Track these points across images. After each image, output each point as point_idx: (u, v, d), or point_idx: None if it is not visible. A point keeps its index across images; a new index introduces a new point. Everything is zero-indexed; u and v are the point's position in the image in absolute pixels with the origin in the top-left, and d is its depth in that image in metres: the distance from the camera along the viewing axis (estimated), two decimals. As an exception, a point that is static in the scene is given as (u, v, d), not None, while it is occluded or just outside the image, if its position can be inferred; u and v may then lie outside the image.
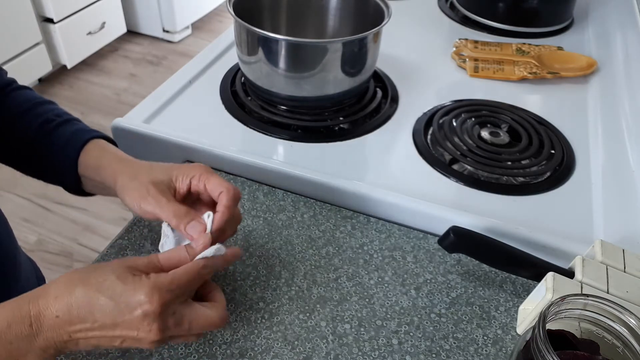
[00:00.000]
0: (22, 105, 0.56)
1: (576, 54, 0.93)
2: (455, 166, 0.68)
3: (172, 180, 0.49)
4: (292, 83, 0.71)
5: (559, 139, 0.74)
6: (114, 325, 0.38)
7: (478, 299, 0.54)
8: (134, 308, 0.37)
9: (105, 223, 1.74)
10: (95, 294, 0.38)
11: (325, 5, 0.83)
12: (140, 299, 0.37)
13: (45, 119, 0.55)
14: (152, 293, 0.38)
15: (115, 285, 0.38)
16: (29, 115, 0.56)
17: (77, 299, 0.38)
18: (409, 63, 0.90)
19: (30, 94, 0.58)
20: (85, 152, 0.53)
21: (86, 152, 0.54)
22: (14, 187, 1.85)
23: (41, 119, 0.55)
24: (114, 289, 0.38)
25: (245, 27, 0.68)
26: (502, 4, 1.01)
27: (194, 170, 0.49)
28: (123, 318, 0.38)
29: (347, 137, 0.72)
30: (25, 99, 0.57)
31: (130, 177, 0.49)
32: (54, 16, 2.15)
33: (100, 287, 0.38)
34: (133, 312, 0.37)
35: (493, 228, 0.58)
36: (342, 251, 0.58)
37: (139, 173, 0.49)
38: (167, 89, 0.77)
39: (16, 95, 0.57)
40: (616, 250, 0.50)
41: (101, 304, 0.38)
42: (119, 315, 0.37)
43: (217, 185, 0.47)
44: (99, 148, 0.54)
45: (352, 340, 0.50)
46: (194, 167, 0.49)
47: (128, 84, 2.44)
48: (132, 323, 0.38)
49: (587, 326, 0.40)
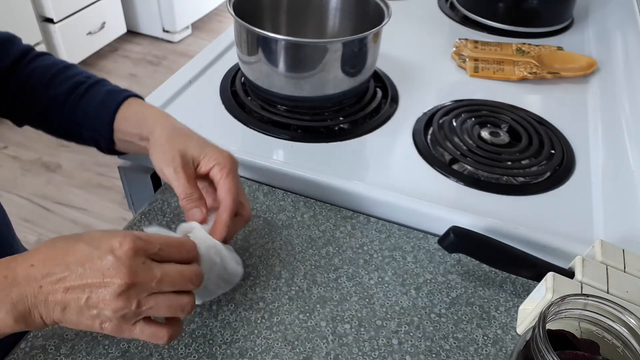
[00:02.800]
0: (49, 72, 0.58)
1: (576, 54, 0.93)
2: (455, 166, 0.68)
3: (200, 157, 0.51)
4: (292, 83, 0.71)
5: (559, 139, 0.74)
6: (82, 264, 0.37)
7: (478, 299, 0.54)
8: (106, 252, 0.38)
9: (105, 223, 1.74)
10: (74, 241, 0.39)
11: (325, 5, 0.83)
12: (113, 243, 0.38)
13: (76, 82, 0.58)
14: (125, 237, 0.38)
15: (95, 233, 0.40)
16: (57, 80, 0.58)
17: (55, 248, 0.39)
18: (409, 63, 0.90)
19: (52, 59, 0.61)
20: (125, 107, 0.56)
21: (127, 106, 0.56)
22: (14, 187, 1.86)
23: (71, 82, 0.58)
24: (92, 235, 0.39)
25: (245, 27, 0.68)
26: (502, 4, 1.01)
27: (220, 158, 0.51)
28: (93, 262, 0.37)
29: (347, 137, 0.72)
30: (50, 64, 0.59)
31: (166, 137, 0.52)
32: (54, 16, 2.15)
33: (80, 236, 0.39)
34: (104, 257, 0.37)
35: (493, 228, 0.58)
36: (342, 251, 0.58)
37: (174, 138, 0.52)
38: (167, 89, 0.77)
39: (39, 63, 0.59)
40: (616, 250, 0.50)
41: (76, 248, 0.38)
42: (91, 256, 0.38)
43: (226, 189, 0.49)
44: (138, 104, 0.57)
45: (352, 340, 0.50)
46: (223, 154, 0.51)
47: (128, 84, 2.44)
48: (100, 266, 0.37)
49: (587, 326, 0.40)
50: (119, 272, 0.37)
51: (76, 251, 0.38)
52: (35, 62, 0.59)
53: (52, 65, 0.59)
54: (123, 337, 0.46)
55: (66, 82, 0.58)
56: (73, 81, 0.58)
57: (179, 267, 0.41)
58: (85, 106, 0.57)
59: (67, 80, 0.58)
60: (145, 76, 2.50)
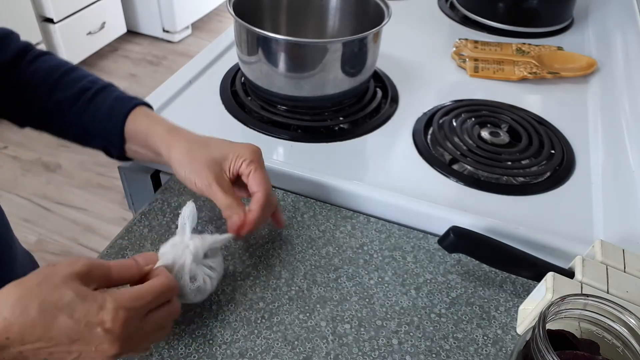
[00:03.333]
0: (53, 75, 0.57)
1: (576, 54, 0.93)
2: (455, 166, 0.68)
3: (226, 161, 0.52)
4: (292, 83, 0.71)
5: (559, 139, 0.74)
6: (71, 342, 0.36)
7: (478, 299, 0.54)
8: (95, 326, 0.36)
9: (105, 223, 1.74)
10: (52, 312, 0.35)
11: (325, 5, 0.83)
12: (102, 318, 0.36)
13: (82, 87, 0.57)
14: (116, 311, 0.37)
15: (75, 303, 0.36)
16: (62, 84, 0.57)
17: (32, 320, 0.35)
18: (409, 63, 0.90)
19: (55, 59, 0.60)
20: (132, 118, 0.56)
21: (133, 118, 0.56)
22: (14, 187, 1.86)
23: (78, 86, 0.57)
24: (73, 308, 0.36)
25: (245, 27, 0.68)
26: (502, 4, 1.01)
27: (246, 154, 0.52)
28: (82, 335, 0.36)
29: (347, 137, 0.72)
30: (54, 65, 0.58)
31: (186, 152, 0.52)
32: (54, 16, 2.15)
33: (57, 304, 0.35)
34: (93, 330, 0.36)
35: (493, 228, 0.58)
36: (342, 251, 0.58)
37: (194, 150, 0.52)
38: (167, 89, 0.77)
39: (42, 64, 0.58)
40: (616, 250, 0.50)
41: (59, 322, 0.35)
42: (78, 333, 0.36)
43: (257, 183, 0.51)
44: (146, 115, 0.57)
45: (352, 340, 0.50)
46: (246, 149, 0.52)
47: (128, 84, 2.44)
48: (91, 340, 0.36)
49: (587, 326, 0.40)
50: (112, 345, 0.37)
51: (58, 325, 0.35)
52: (38, 62, 0.58)
53: (56, 67, 0.58)
54: None
55: (72, 86, 0.57)
56: (80, 86, 0.57)
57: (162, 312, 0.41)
58: (93, 113, 0.56)
59: (73, 84, 0.57)
60: (145, 76, 2.50)
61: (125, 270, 0.42)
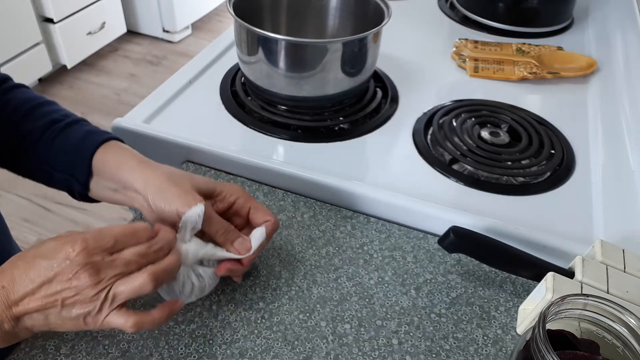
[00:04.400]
0: (24, 106, 0.55)
1: (576, 54, 0.93)
2: (455, 166, 0.68)
3: (214, 194, 0.50)
4: (292, 83, 0.71)
5: (559, 139, 0.74)
6: (49, 280, 0.39)
7: (478, 299, 0.54)
8: (64, 258, 0.39)
9: (105, 223, 1.74)
10: (32, 258, 0.40)
11: (325, 5, 0.83)
12: (66, 250, 0.39)
13: (52, 120, 0.54)
14: (75, 241, 0.39)
15: (49, 243, 0.40)
16: (32, 116, 0.54)
17: (18, 268, 0.40)
18: (409, 63, 0.90)
19: (30, 93, 0.57)
20: (102, 152, 0.52)
21: (105, 151, 0.52)
22: (14, 187, 1.86)
23: (47, 119, 0.54)
24: (47, 247, 0.40)
25: (245, 27, 0.68)
26: (502, 4, 1.01)
27: (238, 192, 0.51)
28: (55, 270, 0.39)
29: (347, 137, 0.72)
30: (27, 98, 0.56)
31: (168, 180, 0.48)
32: (54, 16, 2.15)
33: (37, 251, 0.40)
34: (62, 263, 0.39)
35: (493, 228, 0.58)
36: (342, 251, 0.58)
37: (177, 178, 0.49)
38: (167, 89, 0.77)
39: (15, 95, 0.56)
40: (616, 250, 0.50)
41: (37, 263, 0.39)
42: (52, 268, 0.39)
43: (263, 215, 0.51)
44: (118, 147, 0.53)
45: (352, 340, 0.50)
46: (237, 186, 0.52)
47: (128, 84, 2.44)
48: (63, 272, 0.39)
49: (587, 326, 0.40)
50: (81, 275, 0.39)
51: (36, 266, 0.39)
52: (13, 93, 0.56)
53: (30, 99, 0.56)
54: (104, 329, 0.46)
55: (42, 118, 0.54)
56: (50, 118, 0.54)
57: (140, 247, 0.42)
58: (61, 145, 0.53)
59: (44, 116, 0.54)
60: (145, 76, 2.50)
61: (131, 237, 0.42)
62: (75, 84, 2.41)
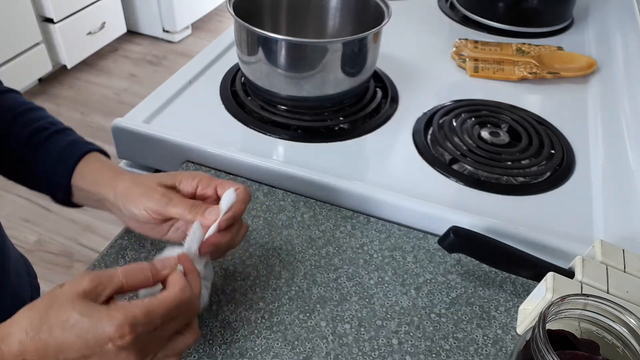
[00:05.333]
0: (12, 111, 0.55)
1: (576, 54, 0.93)
2: (455, 166, 0.68)
3: (176, 184, 0.50)
4: (292, 83, 0.71)
5: (559, 139, 0.74)
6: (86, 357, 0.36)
7: (478, 299, 0.54)
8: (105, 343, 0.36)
9: (105, 223, 1.74)
10: (62, 334, 0.36)
11: (325, 5, 0.83)
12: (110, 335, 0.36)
13: (38, 127, 0.55)
14: (121, 327, 0.36)
15: (81, 323, 0.36)
16: (19, 121, 0.55)
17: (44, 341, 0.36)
18: (409, 63, 0.90)
19: (19, 98, 0.58)
20: (83, 164, 0.54)
21: (84, 164, 0.54)
22: (14, 187, 1.84)
23: (34, 125, 0.55)
24: (80, 328, 0.36)
25: (245, 27, 0.68)
26: (502, 4, 1.01)
27: (200, 176, 0.50)
28: (94, 351, 0.36)
29: (347, 137, 0.72)
30: (15, 103, 0.56)
31: (132, 183, 0.50)
32: (54, 16, 2.15)
33: (65, 326, 0.36)
34: (104, 347, 0.36)
35: (493, 228, 0.58)
36: (342, 251, 0.58)
37: (141, 179, 0.50)
38: (167, 89, 0.77)
39: (4, 100, 0.56)
40: (616, 250, 0.50)
41: (70, 342, 0.36)
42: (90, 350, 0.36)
43: (231, 186, 0.49)
44: (98, 160, 0.54)
45: (352, 340, 0.50)
46: (197, 173, 0.51)
47: (128, 84, 2.44)
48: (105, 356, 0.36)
49: (587, 326, 0.40)
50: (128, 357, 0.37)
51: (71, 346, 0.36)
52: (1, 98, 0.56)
53: (19, 104, 0.56)
54: None
55: (29, 125, 0.55)
56: (36, 125, 0.55)
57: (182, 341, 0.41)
58: (46, 152, 0.54)
59: (30, 123, 0.55)
60: (145, 76, 2.50)
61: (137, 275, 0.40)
62: (75, 84, 2.41)
